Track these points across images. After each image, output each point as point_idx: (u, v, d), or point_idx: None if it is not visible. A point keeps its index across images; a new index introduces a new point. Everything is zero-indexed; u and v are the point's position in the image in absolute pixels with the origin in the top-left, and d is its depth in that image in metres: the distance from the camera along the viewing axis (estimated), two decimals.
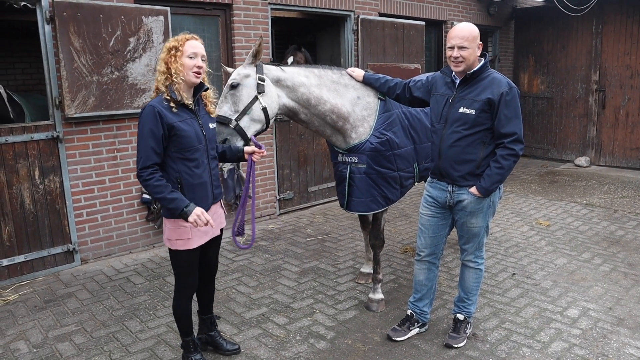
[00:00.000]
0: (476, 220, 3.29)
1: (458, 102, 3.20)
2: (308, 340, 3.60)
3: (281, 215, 6.67)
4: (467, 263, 3.47)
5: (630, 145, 9.12)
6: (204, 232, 3.00)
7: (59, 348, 3.54)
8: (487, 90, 3.11)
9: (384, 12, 7.59)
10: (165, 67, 2.83)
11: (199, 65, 2.86)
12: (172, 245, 2.95)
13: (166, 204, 2.80)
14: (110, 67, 4.89)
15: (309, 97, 3.64)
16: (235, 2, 5.87)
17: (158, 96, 2.86)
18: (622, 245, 5.34)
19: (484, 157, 3.18)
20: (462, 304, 3.55)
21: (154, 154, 2.77)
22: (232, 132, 3.33)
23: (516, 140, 3.09)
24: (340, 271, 4.82)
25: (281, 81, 3.56)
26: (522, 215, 6.47)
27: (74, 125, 4.87)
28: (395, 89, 3.71)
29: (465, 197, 3.25)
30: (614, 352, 3.37)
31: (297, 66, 3.74)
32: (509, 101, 3.08)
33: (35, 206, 4.74)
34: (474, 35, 3.13)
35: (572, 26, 9.53)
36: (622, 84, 9.07)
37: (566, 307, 4.01)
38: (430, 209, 3.45)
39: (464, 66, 3.14)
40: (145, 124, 2.76)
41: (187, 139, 2.84)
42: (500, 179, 3.15)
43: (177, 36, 2.89)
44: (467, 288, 3.52)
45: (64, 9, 4.55)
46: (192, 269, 3.05)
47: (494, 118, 3.11)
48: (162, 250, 5.44)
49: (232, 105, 3.37)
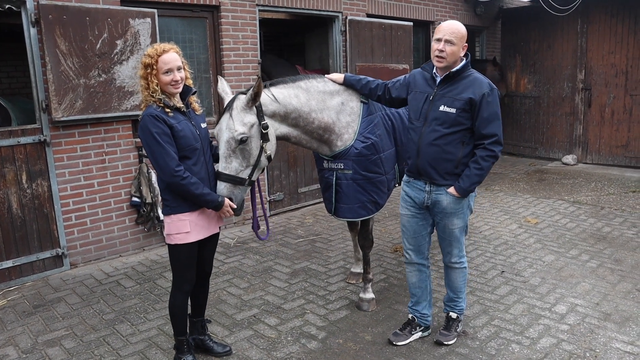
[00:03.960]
0: (457, 221, 3.29)
1: (439, 100, 3.18)
2: (299, 341, 3.61)
3: (271, 217, 6.67)
4: (452, 265, 3.46)
5: (615, 143, 9.23)
6: (202, 226, 3.08)
7: (48, 353, 3.52)
8: (468, 90, 3.11)
9: (372, 12, 7.62)
10: (146, 84, 2.90)
11: (176, 79, 2.91)
12: (172, 239, 3.03)
13: (204, 197, 2.95)
14: (98, 70, 4.86)
15: (298, 120, 3.51)
16: (223, 4, 5.86)
17: (149, 107, 2.90)
18: (609, 241, 5.41)
19: (462, 157, 3.18)
20: (453, 302, 3.56)
21: (174, 153, 2.88)
22: (244, 190, 3.24)
23: (496, 142, 3.10)
24: (331, 271, 4.84)
25: (275, 113, 3.40)
26: (510, 214, 6.53)
27: (62, 129, 4.84)
28: (376, 91, 3.64)
29: (444, 197, 3.24)
30: (601, 347, 3.42)
31: (283, 84, 3.51)
32: (490, 102, 3.08)
33: (23, 211, 4.71)
34: (462, 33, 3.12)
35: (557, 26, 9.63)
36: (607, 82, 9.18)
37: (554, 303, 4.05)
38: (409, 209, 3.43)
39: (446, 62, 3.12)
40: (151, 131, 2.82)
41: (185, 139, 2.93)
42: (479, 180, 3.16)
43: (151, 50, 2.90)
44: (455, 288, 3.52)
45: (50, 11, 4.52)
46: (190, 263, 3.10)
47: (475, 118, 3.11)
48: (152, 253, 5.42)
49: (242, 160, 3.17)
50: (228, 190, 3.13)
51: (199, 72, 5.88)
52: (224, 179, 3.12)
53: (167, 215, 3.03)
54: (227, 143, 3.12)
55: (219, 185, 3.13)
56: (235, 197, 3.16)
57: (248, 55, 6.16)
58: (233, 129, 3.11)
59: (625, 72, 8.93)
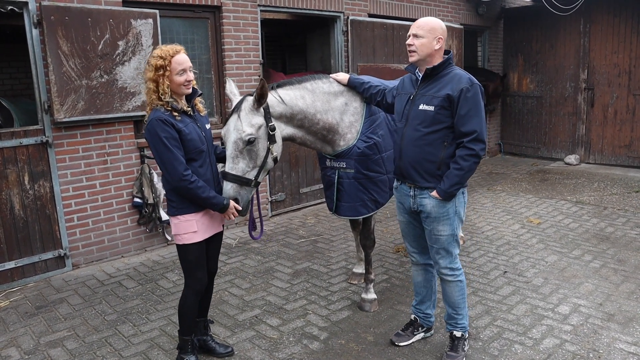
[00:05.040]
0: (443, 227, 3.14)
1: (419, 99, 3.11)
2: (301, 341, 3.60)
3: (273, 217, 6.67)
4: (444, 277, 3.27)
5: (618, 143, 9.20)
6: (208, 225, 3.13)
7: (51, 354, 3.52)
8: (447, 86, 3.01)
9: (374, 12, 7.62)
10: (155, 86, 2.88)
11: (189, 79, 2.94)
12: (181, 240, 3.06)
13: (210, 200, 2.98)
14: (100, 70, 4.86)
15: (303, 121, 3.53)
16: (225, 5, 5.87)
17: (155, 110, 2.90)
18: (612, 241, 5.39)
19: (444, 158, 3.07)
20: (453, 320, 3.34)
21: (182, 157, 2.90)
22: (250, 191, 3.24)
23: (476, 139, 2.96)
24: (332, 272, 4.83)
25: (282, 115, 3.40)
26: (513, 214, 6.51)
27: (64, 130, 4.85)
28: (376, 96, 3.64)
29: (427, 201, 3.13)
30: (604, 347, 3.40)
31: (290, 86, 3.52)
32: (469, 98, 2.95)
33: (25, 211, 4.71)
34: (431, 26, 3.04)
35: (560, 26, 9.61)
36: (610, 82, 9.16)
37: (557, 303, 4.04)
38: (403, 216, 3.39)
39: (417, 56, 3.07)
40: (159, 135, 2.83)
41: (192, 142, 2.95)
42: (460, 181, 3.02)
43: (161, 51, 2.88)
44: (453, 303, 3.31)
45: (52, 12, 4.52)
46: (200, 263, 3.13)
47: (454, 115, 3.00)
48: (154, 254, 5.42)
49: (249, 161, 3.17)
50: (234, 190, 3.13)
51: (201, 73, 5.89)
52: (231, 179, 3.12)
53: (174, 216, 3.05)
54: (235, 144, 3.12)
55: (225, 186, 3.13)
56: (241, 197, 3.17)
57: (250, 56, 6.16)
58: (241, 130, 3.12)
59: (628, 71, 8.90)
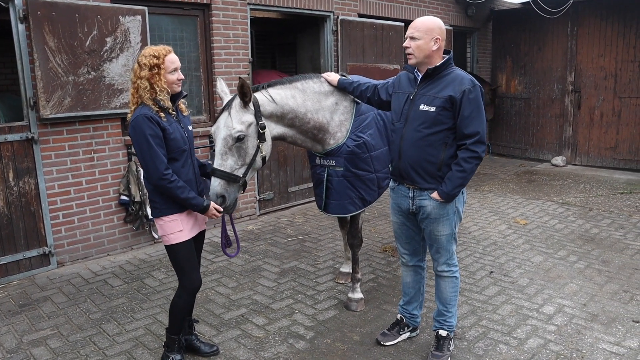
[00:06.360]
0: (442, 228, 3.15)
1: (419, 99, 3.08)
2: (287, 341, 3.60)
3: (261, 216, 6.66)
4: (441, 273, 3.29)
5: (604, 145, 9.31)
6: (193, 223, 3.15)
7: (34, 353, 3.48)
8: (449, 87, 2.99)
9: (363, 13, 7.63)
10: (149, 84, 2.91)
11: (181, 77, 3.02)
12: (168, 240, 3.06)
13: (189, 201, 2.97)
14: (87, 67, 4.82)
15: (294, 120, 3.55)
16: (214, 2, 5.84)
17: (141, 107, 2.91)
18: (597, 242, 5.45)
19: (445, 159, 3.05)
20: (442, 317, 3.33)
21: (164, 156, 2.90)
22: (238, 188, 3.23)
23: (478, 141, 2.96)
24: (319, 271, 4.83)
25: (272, 114, 3.41)
26: (500, 214, 6.56)
27: (49, 126, 4.79)
28: (366, 93, 3.61)
29: (427, 202, 3.11)
30: (587, 347, 3.44)
31: (280, 85, 3.53)
32: (472, 100, 2.94)
33: (10, 209, 4.65)
34: (427, 26, 3.02)
35: (548, 28, 9.69)
36: (596, 85, 9.26)
37: (542, 304, 4.07)
38: (398, 217, 3.37)
39: (415, 59, 3.07)
40: (144, 132, 2.85)
41: (175, 142, 2.97)
42: (462, 183, 3.02)
43: (154, 50, 2.93)
44: (444, 299, 3.32)
45: (38, 7, 4.47)
46: (193, 263, 3.14)
47: (456, 117, 2.98)
48: (141, 252, 5.39)
49: (237, 159, 3.17)
50: (222, 187, 3.13)
51: (190, 70, 5.85)
52: (219, 175, 3.12)
53: (158, 218, 3.05)
54: (224, 140, 3.14)
55: (213, 182, 3.14)
56: (228, 194, 3.17)
57: (239, 54, 6.14)
58: (231, 127, 3.14)
59: (614, 75, 9.01)
